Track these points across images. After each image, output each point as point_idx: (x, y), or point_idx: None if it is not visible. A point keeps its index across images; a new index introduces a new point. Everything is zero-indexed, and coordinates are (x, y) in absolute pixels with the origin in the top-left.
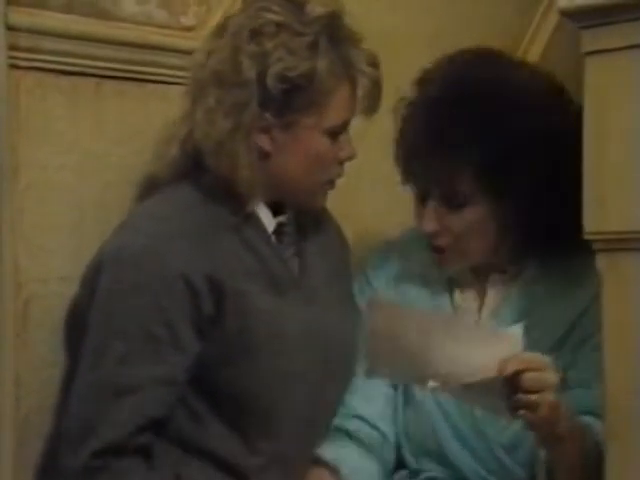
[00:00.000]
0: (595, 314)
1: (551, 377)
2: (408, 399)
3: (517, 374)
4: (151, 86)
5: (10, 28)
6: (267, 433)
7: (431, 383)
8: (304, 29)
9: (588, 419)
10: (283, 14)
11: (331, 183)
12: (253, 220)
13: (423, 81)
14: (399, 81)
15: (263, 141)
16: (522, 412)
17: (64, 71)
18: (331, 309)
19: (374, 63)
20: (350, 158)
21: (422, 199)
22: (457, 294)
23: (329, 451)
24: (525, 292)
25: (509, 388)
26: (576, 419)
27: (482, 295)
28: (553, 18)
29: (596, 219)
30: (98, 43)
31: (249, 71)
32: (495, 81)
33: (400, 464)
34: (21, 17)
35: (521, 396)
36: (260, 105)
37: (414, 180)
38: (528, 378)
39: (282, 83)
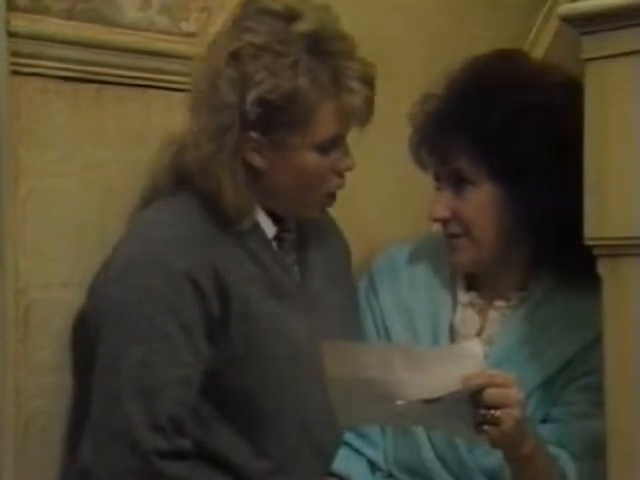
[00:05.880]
0: (591, 355)
1: (515, 393)
2: None
3: (481, 390)
4: (152, 92)
5: (12, 34)
6: (274, 436)
7: (398, 402)
8: (285, 49)
9: (557, 450)
10: (264, 35)
11: (331, 196)
12: (255, 229)
13: (442, 84)
14: (397, 87)
15: (254, 159)
16: (485, 428)
17: (65, 77)
18: (333, 314)
19: (365, 78)
20: (348, 169)
21: (437, 188)
22: (458, 315)
23: (340, 465)
24: (524, 323)
25: (473, 404)
26: (544, 446)
27: (483, 320)
28: (553, 24)
29: (597, 225)
30: (99, 49)
31: (229, 96)
32: (500, 71)
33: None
34: (23, 23)
35: (484, 411)
36: (244, 127)
37: (427, 166)
38: (491, 393)
39: (263, 106)
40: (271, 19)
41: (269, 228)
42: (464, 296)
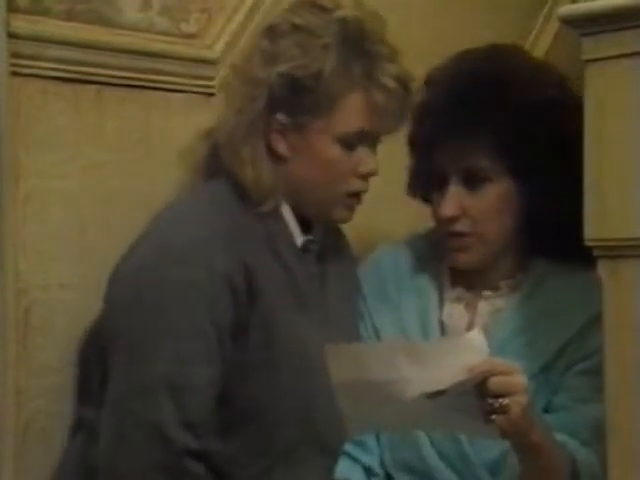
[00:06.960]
0: (588, 338)
1: (520, 380)
2: None
3: (485, 380)
4: (152, 93)
5: (12, 35)
6: (272, 442)
7: (405, 400)
8: (321, 31)
9: (564, 437)
10: (304, 16)
11: (353, 196)
12: (284, 233)
13: (434, 76)
14: None
15: (278, 143)
16: (494, 417)
17: (65, 78)
18: (343, 329)
19: (400, 79)
20: (371, 174)
21: (440, 186)
22: (446, 311)
23: (339, 473)
24: (517, 312)
25: (479, 395)
26: (552, 433)
27: (472, 313)
28: (554, 25)
29: (597, 226)
30: (99, 50)
31: (259, 68)
32: (508, 64)
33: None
34: (23, 24)
35: (491, 401)
36: (270, 104)
37: (433, 165)
38: (496, 382)
39: (288, 82)
40: (317, 10)
41: (298, 236)
42: (450, 291)
